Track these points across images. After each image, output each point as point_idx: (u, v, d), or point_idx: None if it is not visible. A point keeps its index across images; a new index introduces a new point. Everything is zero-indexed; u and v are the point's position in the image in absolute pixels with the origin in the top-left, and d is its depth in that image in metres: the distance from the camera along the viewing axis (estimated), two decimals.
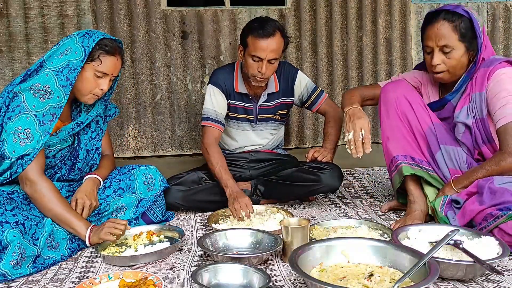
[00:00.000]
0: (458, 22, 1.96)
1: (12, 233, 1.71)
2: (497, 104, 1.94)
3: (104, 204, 2.12)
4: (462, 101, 2.06)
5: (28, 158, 1.89)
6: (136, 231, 2.06)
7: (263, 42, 2.34)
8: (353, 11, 3.40)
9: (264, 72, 2.39)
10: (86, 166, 2.19)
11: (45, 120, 1.92)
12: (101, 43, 1.97)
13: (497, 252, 1.61)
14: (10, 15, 2.95)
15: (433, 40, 1.99)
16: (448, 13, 1.98)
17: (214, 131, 2.51)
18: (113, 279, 1.63)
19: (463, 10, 1.98)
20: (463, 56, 2.00)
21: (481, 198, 1.83)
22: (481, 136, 2.02)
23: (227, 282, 1.60)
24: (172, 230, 2.10)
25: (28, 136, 1.88)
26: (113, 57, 1.99)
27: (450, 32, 1.97)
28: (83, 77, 1.97)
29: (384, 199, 2.63)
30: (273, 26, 2.37)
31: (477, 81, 2.01)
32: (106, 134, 2.31)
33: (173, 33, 3.18)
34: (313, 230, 2.00)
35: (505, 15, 3.61)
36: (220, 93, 2.55)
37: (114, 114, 2.34)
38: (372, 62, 3.48)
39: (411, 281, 1.46)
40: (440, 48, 1.99)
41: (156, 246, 1.94)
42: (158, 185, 2.28)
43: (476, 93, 2.01)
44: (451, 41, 1.97)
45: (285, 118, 2.76)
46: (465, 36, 1.97)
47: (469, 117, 2.02)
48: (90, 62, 1.96)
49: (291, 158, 2.76)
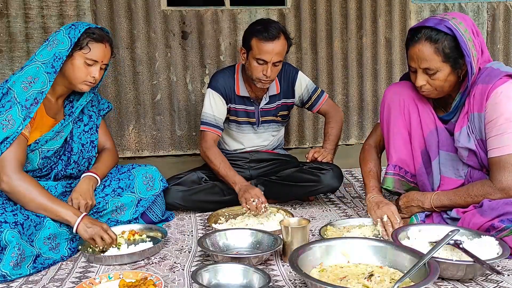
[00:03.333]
0: (441, 41, 1.80)
1: (10, 233, 1.71)
2: (493, 130, 1.81)
3: (102, 203, 2.12)
4: (460, 121, 1.92)
5: (7, 142, 1.88)
6: (118, 230, 2.06)
7: (269, 45, 2.33)
8: (353, 11, 3.40)
9: (269, 75, 2.39)
10: (82, 159, 2.19)
11: (27, 104, 1.93)
12: (88, 31, 2.01)
13: (497, 252, 1.61)
14: (10, 15, 2.95)
15: (415, 61, 1.86)
16: (431, 31, 1.82)
17: (212, 135, 2.51)
18: (113, 279, 1.63)
19: (446, 28, 1.80)
20: (450, 75, 1.85)
21: (482, 210, 1.79)
22: (486, 156, 1.87)
23: (227, 282, 1.60)
24: (155, 230, 2.11)
25: (10, 122, 1.89)
26: (102, 44, 2.03)
27: (432, 54, 1.81)
28: (74, 66, 2.00)
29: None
30: (277, 29, 2.37)
31: (475, 99, 1.86)
32: (103, 128, 2.31)
33: (173, 33, 3.18)
34: (326, 231, 1.99)
35: (505, 15, 3.61)
36: (219, 98, 2.54)
37: (108, 108, 2.35)
38: (372, 62, 3.48)
39: (411, 281, 1.46)
40: (423, 70, 1.86)
41: (139, 246, 1.94)
42: (158, 185, 2.28)
43: (474, 113, 1.86)
44: (434, 63, 1.82)
45: (286, 119, 2.76)
46: (450, 56, 1.81)
47: (471, 139, 1.87)
48: (80, 51, 1.99)
49: (291, 158, 2.76)
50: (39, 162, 2.05)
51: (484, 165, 1.92)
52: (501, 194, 1.79)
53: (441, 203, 1.94)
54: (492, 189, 1.81)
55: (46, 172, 2.12)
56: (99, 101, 2.32)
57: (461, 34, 1.81)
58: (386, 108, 2.10)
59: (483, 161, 1.90)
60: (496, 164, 1.81)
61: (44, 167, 2.09)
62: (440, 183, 2.00)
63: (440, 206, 1.94)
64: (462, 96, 1.92)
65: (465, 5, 3.56)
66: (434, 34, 1.82)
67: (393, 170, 2.09)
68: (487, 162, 1.89)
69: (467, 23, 1.84)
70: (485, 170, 1.93)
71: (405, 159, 2.07)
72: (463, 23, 1.83)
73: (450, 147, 1.97)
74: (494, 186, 1.80)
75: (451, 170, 1.98)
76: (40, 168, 2.08)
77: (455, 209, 1.90)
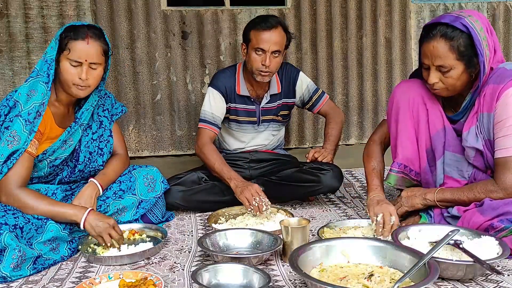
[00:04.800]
0: (457, 39, 1.78)
1: (9, 236, 1.71)
2: (501, 131, 1.80)
3: (104, 205, 2.11)
4: (469, 120, 1.90)
5: (13, 158, 1.86)
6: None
7: (266, 33, 2.37)
8: (353, 11, 3.40)
9: (268, 65, 2.39)
10: (87, 167, 2.16)
11: (30, 118, 1.88)
12: (67, 30, 1.90)
13: (497, 252, 1.61)
14: (10, 15, 2.95)
15: (429, 58, 1.84)
16: (447, 28, 1.80)
17: (209, 132, 2.52)
18: (113, 279, 1.63)
19: (462, 25, 1.78)
20: (463, 74, 1.83)
21: (482, 209, 1.79)
22: (493, 157, 1.87)
23: (227, 282, 1.60)
24: (155, 230, 2.11)
25: (15, 138, 1.85)
26: (82, 41, 1.89)
27: (446, 51, 1.79)
28: (62, 70, 1.92)
29: None
30: (275, 20, 2.42)
31: (485, 99, 1.84)
32: (116, 133, 2.26)
33: (173, 33, 3.18)
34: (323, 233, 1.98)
35: (505, 15, 3.61)
36: (219, 96, 2.55)
37: (121, 112, 2.30)
38: (372, 62, 3.48)
39: (411, 281, 1.46)
40: (437, 67, 1.84)
41: (139, 246, 1.94)
42: (159, 187, 2.27)
43: (484, 113, 1.85)
44: (448, 61, 1.80)
45: (286, 119, 2.76)
46: (464, 54, 1.79)
47: (479, 139, 1.87)
48: (62, 53, 1.91)
49: (291, 158, 2.76)
50: (46, 170, 2.05)
51: (489, 166, 1.92)
52: (504, 194, 1.79)
53: (444, 197, 1.93)
54: (495, 188, 1.81)
55: (52, 178, 2.11)
56: (112, 105, 2.26)
57: (477, 33, 1.79)
58: (395, 105, 2.08)
59: (489, 161, 1.90)
60: (502, 164, 1.81)
61: (50, 174, 2.09)
62: (443, 182, 2.00)
63: (442, 200, 1.94)
64: (472, 95, 1.90)
65: (465, 5, 3.56)
66: (450, 31, 1.80)
67: (397, 168, 2.07)
68: (493, 163, 1.89)
69: (482, 22, 1.83)
70: (490, 172, 1.93)
71: (411, 157, 2.06)
72: (479, 21, 1.82)
73: (456, 148, 1.97)
74: (497, 186, 1.81)
75: (455, 170, 1.98)
76: (46, 175, 2.08)
77: (456, 207, 1.90)
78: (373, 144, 2.24)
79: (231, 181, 2.32)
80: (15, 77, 3.00)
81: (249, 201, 2.19)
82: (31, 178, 2.03)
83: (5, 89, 2.99)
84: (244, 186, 2.25)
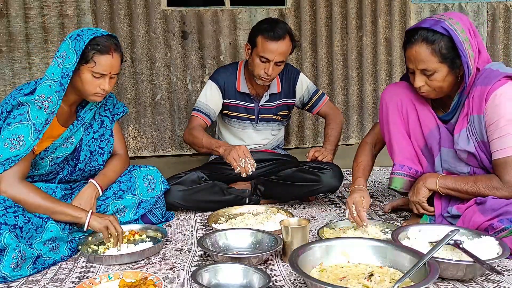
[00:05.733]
0: (438, 42, 1.80)
1: (9, 236, 1.71)
2: (495, 133, 1.81)
3: (103, 206, 2.12)
4: (460, 122, 1.92)
5: (12, 160, 1.86)
6: None
7: (273, 44, 2.37)
8: (353, 11, 3.40)
9: (270, 74, 2.42)
10: (87, 166, 2.17)
11: (40, 126, 1.90)
12: (92, 43, 1.91)
13: (497, 252, 1.61)
14: (10, 15, 2.95)
15: (413, 63, 1.87)
16: (427, 32, 1.82)
17: (199, 121, 2.54)
18: (113, 279, 1.63)
19: (442, 28, 1.80)
20: (448, 76, 1.86)
21: (483, 208, 1.79)
22: (487, 158, 1.89)
23: (227, 282, 1.60)
24: (155, 230, 2.11)
25: (20, 143, 1.86)
26: (108, 55, 1.93)
27: (429, 55, 1.82)
28: (82, 80, 1.94)
29: (384, 199, 2.63)
30: (284, 29, 2.41)
31: (474, 101, 1.86)
32: (117, 133, 2.27)
33: (173, 33, 3.18)
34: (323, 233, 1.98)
35: (505, 15, 3.61)
36: (216, 90, 2.57)
37: (123, 112, 2.31)
38: (372, 62, 3.48)
39: (411, 281, 1.46)
40: (421, 71, 1.86)
41: (139, 246, 1.95)
42: (159, 187, 2.27)
43: (474, 115, 1.86)
44: (431, 64, 1.83)
45: (286, 119, 2.77)
46: (447, 57, 1.82)
47: (470, 142, 1.88)
48: (85, 64, 1.92)
49: (291, 158, 2.76)
50: (48, 168, 2.05)
51: (484, 167, 1.92)
52: (510, 193, 1.80)
53: (445, 184, 1.93)
54: (500, 185, 1.81)
55: (52, 176, 2.12)
56: (114, 104, 2.27)
57: (457, 35, 1.81)
58: (384, 109, 2.10)
59: (483, 162, 1.91)
60: (502, 165, 1.82)
61: (51, 172, 2.09)
62: None
63: (444, 187, 1.94)
64: (460, 96, 1.92)
65: (465, 5, 3.56)
66: (431, 35, 1.82)
67: (401, 170, 2.06)
68: (488, 164, 1.89)
69: (464, 23, 1.84)
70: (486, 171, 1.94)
71: (410, 156, 2.07)
72: (459, 23, 1.83)
73: (451, 144, 1.97)
74: (503, 183, 1.81)
75: (454, 166, 1.98)
76: (47, 173, 2.08)
77: (456, 206, 1.91)
78: (364, 145, 2.26)
79: (219, 148, 2.30)
80: (15, 77, 3.00)
81: (236, 162, 2.18)
82: (32, 177, 2.04)
83: (5, 89, 2.99)
84: (232, 147, 2.25)
